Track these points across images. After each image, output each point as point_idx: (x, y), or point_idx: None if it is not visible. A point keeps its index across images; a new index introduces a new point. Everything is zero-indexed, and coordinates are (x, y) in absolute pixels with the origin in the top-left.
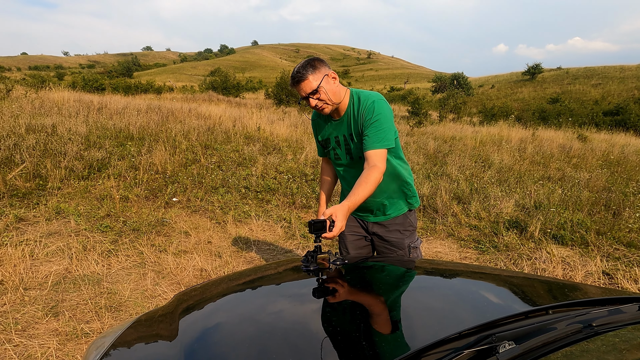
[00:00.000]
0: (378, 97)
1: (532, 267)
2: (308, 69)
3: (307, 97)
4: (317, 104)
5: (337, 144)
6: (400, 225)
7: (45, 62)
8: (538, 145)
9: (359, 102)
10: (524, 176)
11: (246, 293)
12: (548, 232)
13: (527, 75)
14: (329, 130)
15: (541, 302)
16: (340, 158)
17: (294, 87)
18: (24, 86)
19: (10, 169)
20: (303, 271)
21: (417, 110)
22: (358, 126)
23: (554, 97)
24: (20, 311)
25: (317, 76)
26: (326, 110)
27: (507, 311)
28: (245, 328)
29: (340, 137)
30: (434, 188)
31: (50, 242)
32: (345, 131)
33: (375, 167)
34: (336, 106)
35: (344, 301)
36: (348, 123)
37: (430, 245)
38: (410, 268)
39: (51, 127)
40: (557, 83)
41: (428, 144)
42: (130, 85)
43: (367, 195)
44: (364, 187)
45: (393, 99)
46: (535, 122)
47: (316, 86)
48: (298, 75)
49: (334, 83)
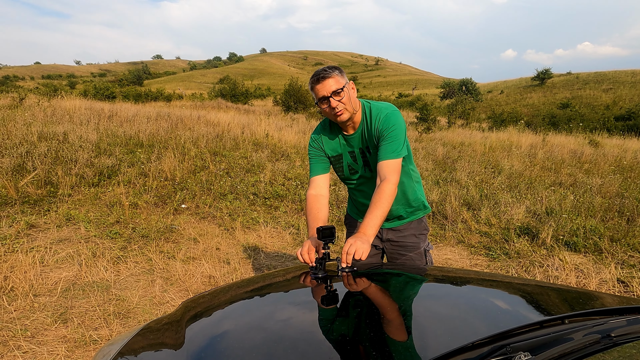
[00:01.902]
0: (392, 109)
1: (545, 275)
2: (334, 69)
3: (328, 98)
4: (337, 106)
5: (353, 159)
6: (415, 229)
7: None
8: (549, 150)
9: (371, 115)
10: (535, 182)
11: (254, 301)
12: (560, 239)
13: (537, 81)
14: (342, 145)
15: (557, 312)
16: (357, 172)
17: (315, 86)
18: (37, 95)
19: (23, 176)
20: (312, 278)
21: (425, 116)
22: (373, 139)
23: (564, 103)
24: (29, 317)
25: (343, 78)
26: (344, 116)
27: (521, 320)
28: (253, 336)
29: (357, 151)
30: (443, 194)
31: (60, 249)
32: (362, 144)
33: (386, 181)
34: (352, 115)
35: (353, 309)
36: (362, 136)
37: (440, 252)
38: (420, 275)
39: (62, 134)
40: (567, 88)
41: (437, 149)
42: (140, 93)
43: (385, 213)
44: (380, 207)
45: (401, 105)
46: (545, 128)
47: (342, 85)
48: (324, 72)
49: (353, 92)
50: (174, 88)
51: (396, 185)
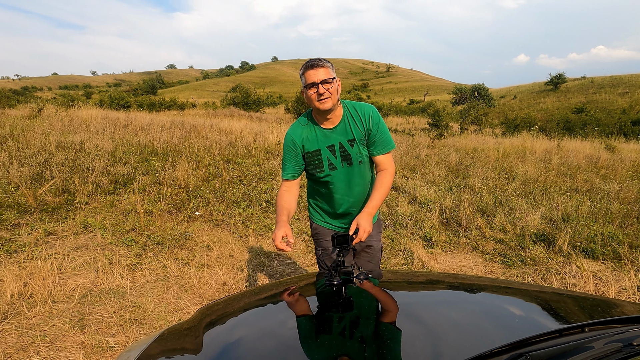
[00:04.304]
0: (374, 108)
1: (562, 282)
2: (328, 62)
3: (318, 84)
4: (324, 93)
5: (332, 153)
6: (376, 227)
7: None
8: (564, 156)
9: (356, 111)
10: (550, 188)
11: (269, 307)
12: (577, 246)
13: (550, 85)
14: (320, 140)
15: (576, 320)
16: (335, 167)
17: (308, 71)
18: (55, 105)
19: (41, 184)
20: (327, 285)
21: (437, 122)
22: (362, 133)
23: (579, 107)
24: (48, 324)
25: (333, 72)
26: (327, 104)
27: (540, 328)
28: (269, 343)
29: (336, 145)
30: (457, 200)
31: (77, 256)
32: (342, 138)
33: (387, 171)
34: (334, 107)
35: (368, 316)
36: (346, 130)
37: (454, 259)
38: (435, 282)
39: (79, 143)
40: (582, 92)
41: (449, 156)
42: (154, 102)
43: (384, 196)
44: (380, 191)
45: (413, 111)
46: (560, 133)
47: (332, 77)
48: (318, 61)
49: (339, 88)
50: (187, 97)
51: (393, 173)
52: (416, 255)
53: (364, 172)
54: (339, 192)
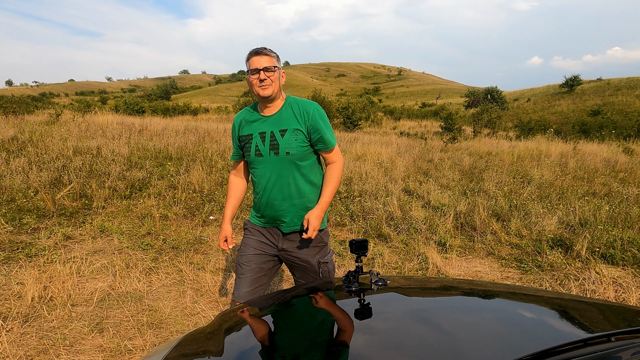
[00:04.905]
0: (317, 106)
1: (581, 289)
2: (274, 53)
3: (260, 70)
4: (265, 80)
5: (262, 140)
6: (308, 240)
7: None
8: (580, 159)
9: (297, 106)
10: (567, 192)
11: (288, 312)
12: (596, 251)
13: (565, 88)
14: (254, 126)
15: (602, 328)
16: (261, 155)
17: (252, 57)
18: (72, 111)
19: (59, 189)
20: (345, 291)
21: (450, 126)
22: (299, 127)
23: (595, 109)
24: (68, 327)
25: (278, 62)
26: (267, 91)
27: (564, 338)
28: (292, 348)
29: (268, 133)
30: (471, 205)
31: (95, 260)
32: (275, 127)
33: (335, 164)
34: (273, 95)
35: (388, 323)
36: (280, 119)
37: (470, 264)
38: (453, 289)
39: (96, 149)
40: (598, 94)
41: (463, 159)
42: (168, 107)
43: (334, 190)
44: (330, 186)
45: (425, 115)
46: (575, 136)
47: (275, 65)
48: (264, 50)
49: (282, 80)
50: (200, 102)
51: (342, 166)
52: (431, 261)
53: (295, 168)
54: (262, 183)
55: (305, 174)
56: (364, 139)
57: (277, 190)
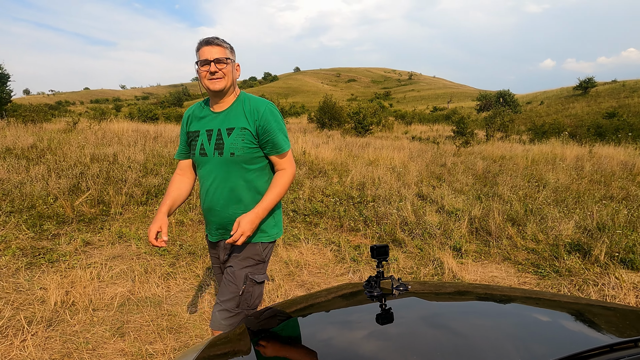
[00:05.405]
0: (272, 104)
1: (600, 294)
2: (228, 44)
3: (211, 62)
4: (216, 73)
5: (208, 138)
6: (247, 250)
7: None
8: (596, 163)
9: (249, 104)
10: (584, 196)
11: (312, 317)
12: (615, 256)
13: (579, 90)
14: (203, 122)
15: (628, 334)
16: (206, 154)
17: (203, 47)
18: (88, 119)
19: (78, 196)
20: (367, 297)
21: (462, 130)
22: (248, 126)
23: (610, 112)
24: (90, 331)
25: (232, 55)
26: (217, 84)
27: (590, 343)
28: (319, 351)
29: (215, 131)
30: (486, 209)
31: (114, 265)
32: (223, 125)
33: (284, 171)
34: (225, 90)
35: (412, 329)
36: (229, 117)
37: (486, 269)
38: (474, 294)
39: (112, 156)
40: (613, 97)
41: (476, 164)
42: (181, 114)
43: (277, 198)
44: (273, 191)
45: (436, 119)
46: (591, 139)
47: (228, 57)
48: (216, 39)
49: (237, 73)
50: None
51: (293, 174)
52: (446, 266)
53: (240, 172)
54: (205, 186)
55: (251, 180)
56: (375, 143)
57: (219, 194)
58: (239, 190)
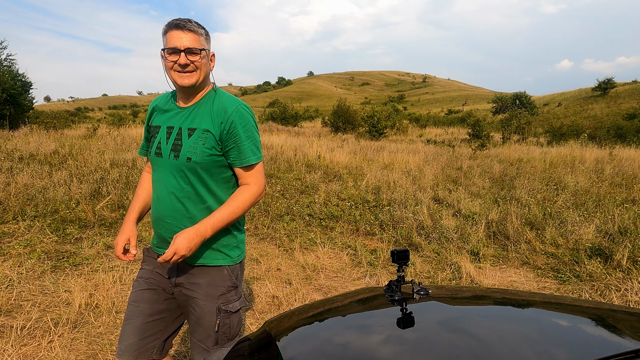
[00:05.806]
0: (246, 106)
1: (623, 299)
2: (203, 29)
3: (181, 52)
4: (188, 66)
5: (167, 137)
6: (212, 277)
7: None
8: (617, 165)
9: (219, 102)
10: (604, 199)
11: (336, 320)
12: (638, 261)
13: (598, 91)
14: (166, 117)
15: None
16: (162, 154)
17: (171, 30)
18: (107, 125)
19: (98, 200)
20: (388, 301)
21: (478, 133)
22: (212, 129)
23: (630, 113)
24: (114, 333)
25: (208, 43)
26: (188, 80)
27: (613, 348)
28: (343, 354)
29: (175, 129)
30: (503, 213)
31: (135, 269)
32: (185, 124)
33: (247, 187)
34: (197, 86)
35: (435, 333)
36: (192, 115)
37: (504, 274)
38: (496, 299)
39: (131, 161)
40: (634, 97)
41: (493, 167)
42: None
43: (230, 216)
44: (227, 207)
45: (451, 122)
46: (611, 141)
47: (202, 47)
48: (189, 23)
49: (211, 65)
50: None
51: (259, 192)
52: (464, 270)
53: (197, 180)
54: (156, 192)
55: (209, 193)
56: (390, 147)
57: (169, 204)
58: (191, 203)
